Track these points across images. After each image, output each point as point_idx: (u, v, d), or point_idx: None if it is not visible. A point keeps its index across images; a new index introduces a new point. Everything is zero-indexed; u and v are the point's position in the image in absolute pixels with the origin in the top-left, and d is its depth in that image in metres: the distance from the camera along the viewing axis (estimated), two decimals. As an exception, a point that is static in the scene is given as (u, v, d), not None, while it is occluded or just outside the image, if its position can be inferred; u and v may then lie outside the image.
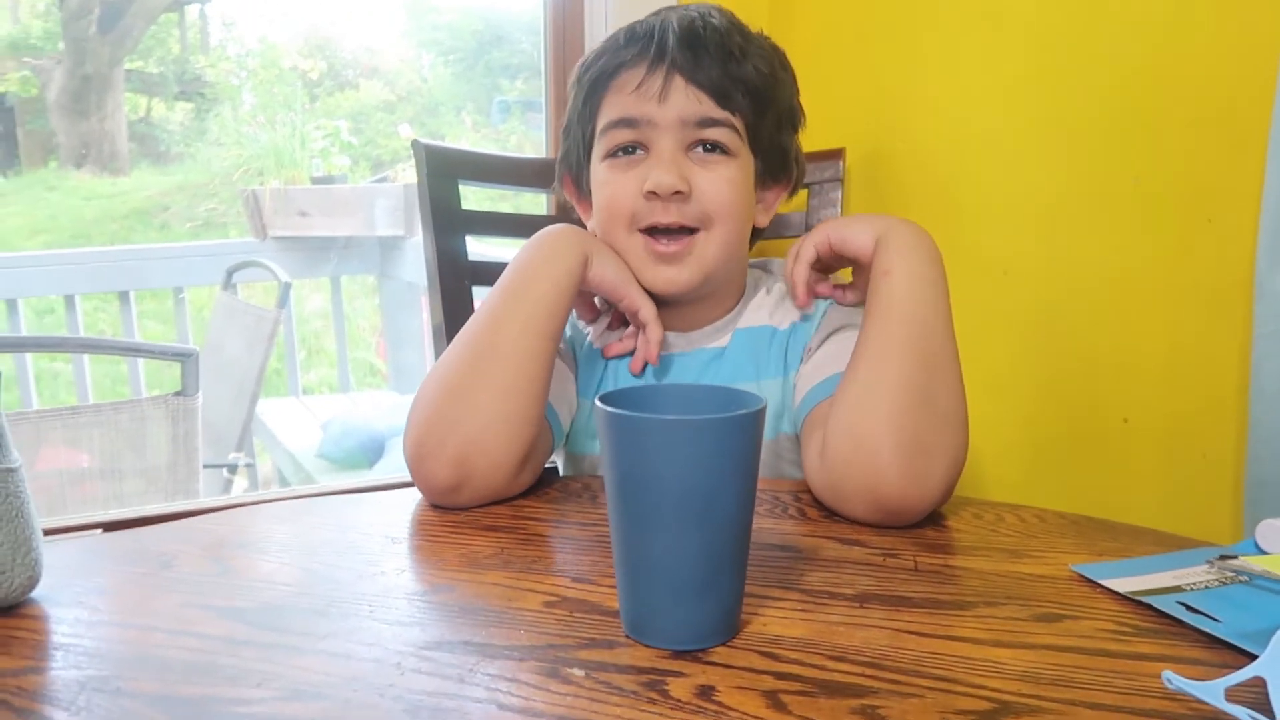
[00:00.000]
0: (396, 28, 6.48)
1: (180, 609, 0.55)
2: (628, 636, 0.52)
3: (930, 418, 0.68)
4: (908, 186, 1.27)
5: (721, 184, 0.81)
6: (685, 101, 0.80)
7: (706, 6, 0.85)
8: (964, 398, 0.71)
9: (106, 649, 0.51)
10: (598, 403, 0.51)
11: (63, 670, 0.48)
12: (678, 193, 0.79)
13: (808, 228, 1.25)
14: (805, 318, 0.86)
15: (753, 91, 0.82)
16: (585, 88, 0.85)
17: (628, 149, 0.82)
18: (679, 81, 0.80)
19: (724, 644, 0.51)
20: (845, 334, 0.81)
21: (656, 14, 0.85)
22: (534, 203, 1.63)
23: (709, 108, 0.80)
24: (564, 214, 0.97)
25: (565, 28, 1.45)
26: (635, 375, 0.85)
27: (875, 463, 0.67)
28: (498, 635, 0.52)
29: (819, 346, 0.82)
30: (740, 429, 0.49)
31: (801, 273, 0.81)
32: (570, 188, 0.92)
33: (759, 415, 0.50)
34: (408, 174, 4.80)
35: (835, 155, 1.22)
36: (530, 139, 5.27)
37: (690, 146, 0.81)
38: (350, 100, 6.07)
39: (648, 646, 0.50)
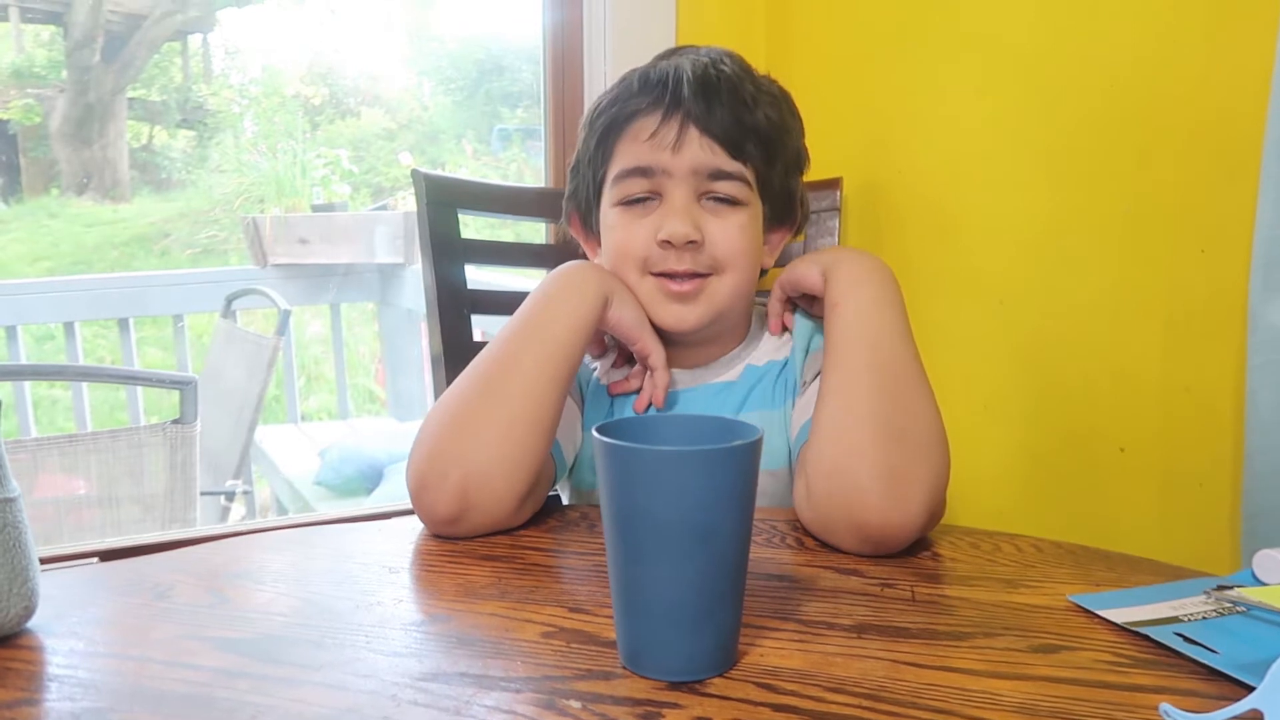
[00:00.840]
0: (398, 56, 6.54)
1: (176, 640, 0.55)
2: (624, 668, 0.52)
3: (903, 442, 0.69)
4: (904, 215, 1.27)
5: (733, 231, 0.82)
6: (699, 152, 0.81)
7: (717, 51, 0.85)
8: (937, 418, 0.71)
9: (102, 681, 0.51)
10: (594, 433, 0.51)
11: (57, 702, 0.48)
12: (691, 242, 0.80)
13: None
14: (793, 346, 0.87)
15: (764, 140, 0.83)
16: (598, 133, 0.85)
17: (641, 198, 0.83)
18: (693, 132, 0.80)
19: (721, 675, 0.51)
20: None
21: (668, 57, 0.86)
22: (533, 230, 1.64)
23: (722, 159, 0.81)
24: (563, 244, 0.97)
25: (564, 57, 1.46)
26: (639, 414, 0.85)
27: (855, 494, 0.67)
28: (494, 666, 0.51)
29: (813, 380, 0.83)
30: (735, 460, 0.49)
31: (774, 306, 0.88)
32: (577, 226, 0.93)
33: (755, 446, 0.50)
34: (408, 202, 4.82)
35: (833, 185, 1.23)
36: (531, 166, 5.30)
37: (702, 195, 0.82)
38: (351, 128, 6.11)
39: (644, 678, 0.50)
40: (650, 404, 0.84)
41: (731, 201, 0.82)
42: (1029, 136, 1.10)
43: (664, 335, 0.84)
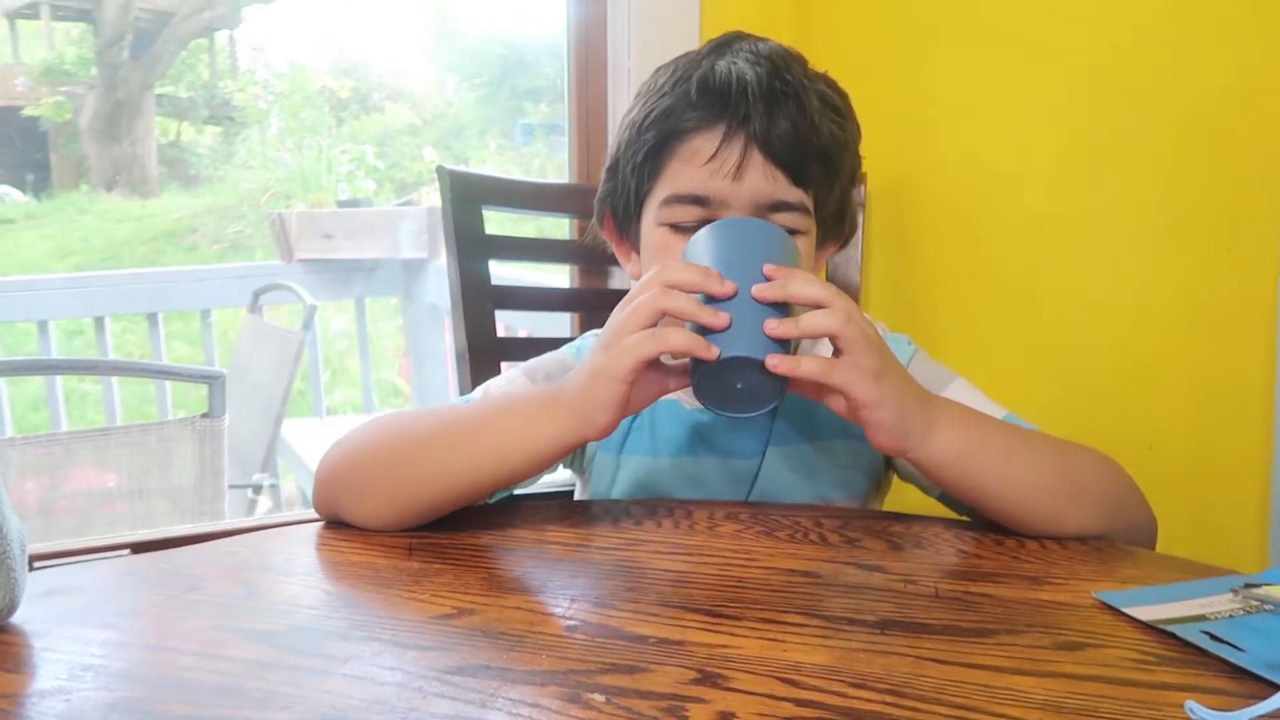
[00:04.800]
0: (422, 51, 6.56)
1: (208, 631, 0.56)
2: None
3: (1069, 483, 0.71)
4: (929, 213, 1.27)
5: None
6: (761, 180, 0.75)
7: (777, 52, 0.79)
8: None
9: (136, 671, 0.52)
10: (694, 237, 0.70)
11: (93, 692, 0.49)
12: None
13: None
14: None
15: (825, 161, 0.78)
16: (647, 145, 0.78)
17: (692, 226, 0.77)
18: (756, 157, 0.75)
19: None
20: (949, 392, 0.79)
21: (723, 53, 0.79)
22: (555, 226, 1.65)
23: (783, 188, 0.76)
24: (591, 243, 0.93)
25: (588, 53, 1.47)
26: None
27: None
28: (519, 660, 0.52)
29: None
30: (751, 230, 0.70)
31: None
32: (611, 231, 0.88)
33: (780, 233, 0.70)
34: (432, 197, 4.84)
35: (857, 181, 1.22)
36: (554, 161, 5.31)
37: None
38: (376, 123, 6.15)
39: (674, 667, 0.51)
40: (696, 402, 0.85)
41: (789, 232, 0.76)
42: (1056, 135, 1.09)
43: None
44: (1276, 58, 0.86)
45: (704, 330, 0.64)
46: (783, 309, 0.65)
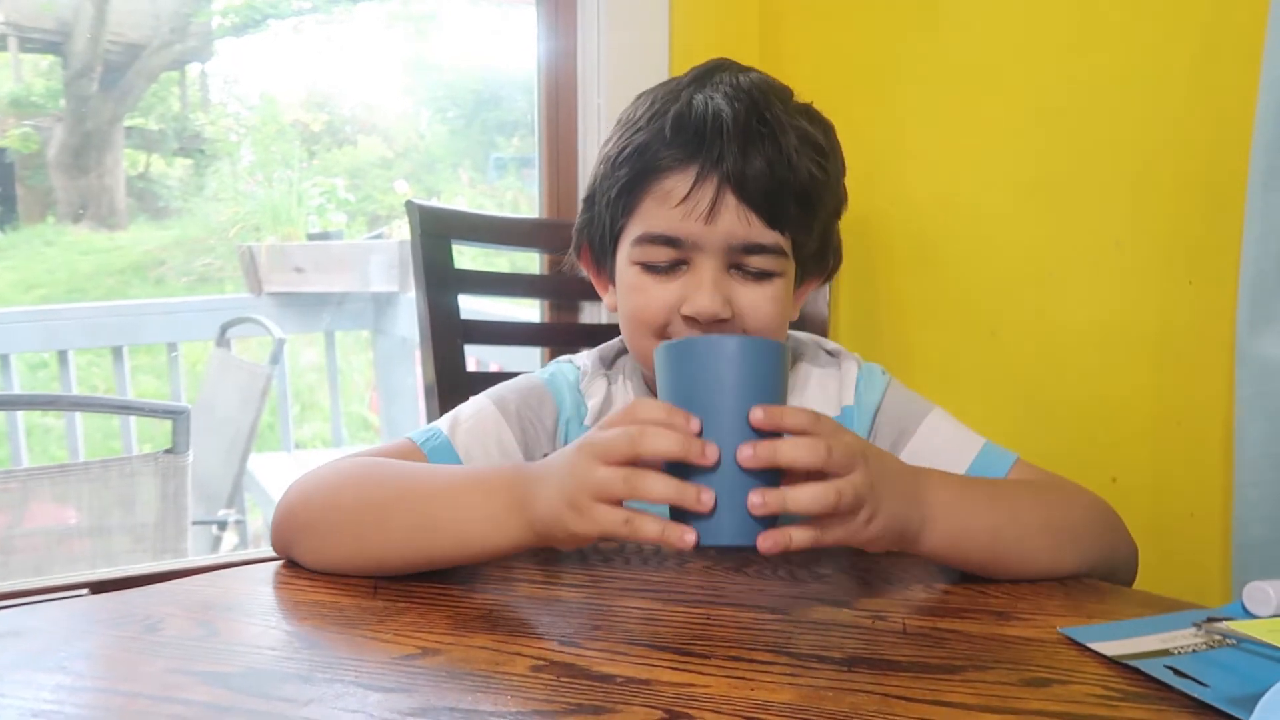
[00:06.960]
0: (395, 85, 6.58)
1: (165, 674, 0.55)
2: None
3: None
4: (895, 247, 1.28)
5: (764, 304, 0.76)
6: (734, 223, 0.74)
7: (757, 85, 0.77)
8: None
9: (90, 716, 0.50)
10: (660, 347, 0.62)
11: (44, 738, 0.48)
12: (720, 320, 0.74)
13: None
14: (845, 410, 0.83)
15: (804, 200, 0.76)
16: (621, 180, 0.77)
17: (666, 265, 0.76)
18: (730, 200, 0.73)
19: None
20: (926, 426, 0.81)
21: (703, 85, 0.77)
22: (528, 258, 1.65)
23: (757, 230, 0.74)
24: (561, 272, 0.93)
25: (558, 88, 1.48)
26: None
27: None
28: (484, 700, 0.51)
29: (901, 440, 0.81)
30: (756, 350, 0.59)
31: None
32: (589, 262, 0.86)
33: (776, 347, 0.60)
34: (403, 230, 4.84)
35: (824, 216, 1.24)
36: (526, 194, 5.32)
37: (732, 265, 0.76)
38: (348, 156, 6.14)
39: (645, 708, 0.50)
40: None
41: (763, 274, 0.76)
42: (1019, 170, 1.11)
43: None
44: (1233, 94, 0.88)
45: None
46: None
